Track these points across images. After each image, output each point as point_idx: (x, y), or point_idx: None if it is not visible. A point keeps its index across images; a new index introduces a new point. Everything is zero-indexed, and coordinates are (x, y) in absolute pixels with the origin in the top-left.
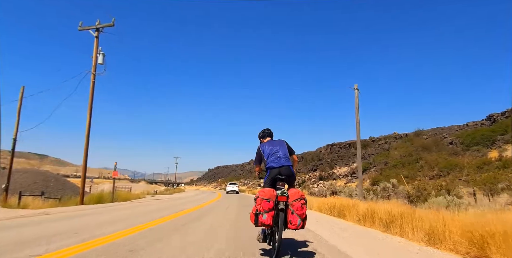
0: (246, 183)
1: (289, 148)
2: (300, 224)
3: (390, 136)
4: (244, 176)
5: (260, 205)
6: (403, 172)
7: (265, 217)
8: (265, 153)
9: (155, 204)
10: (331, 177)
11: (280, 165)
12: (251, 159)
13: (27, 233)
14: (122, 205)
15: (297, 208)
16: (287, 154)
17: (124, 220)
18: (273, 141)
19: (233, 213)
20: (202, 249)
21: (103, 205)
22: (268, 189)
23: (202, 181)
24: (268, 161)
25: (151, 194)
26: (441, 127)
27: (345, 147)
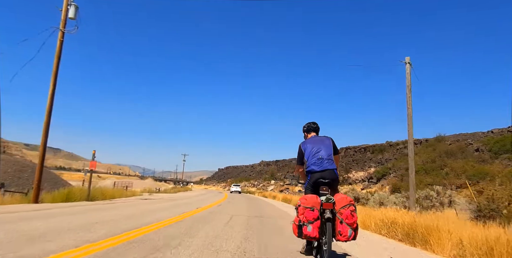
0: (256, 184)
1: (334, 147)
2: (351, 235)
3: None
4: (254, 177)
5: (303, 215)
6: (427, 179)
7: (310, 228)
8: (307, 152)
9: (132, 207)
10: (347, 181)
11: (323, 168)
12: (261, 160)
13: None
14: (86, 206)
15: (347, 216)
16: (331, 155)
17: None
18: (317, 137)
19: (237, 235)
20: None
21: (62, 205)
22: (310, 196)
23: (211, 180)
24: (309, 163)
25: (151, 192)
26: (463, 133)
27: (360, 151)
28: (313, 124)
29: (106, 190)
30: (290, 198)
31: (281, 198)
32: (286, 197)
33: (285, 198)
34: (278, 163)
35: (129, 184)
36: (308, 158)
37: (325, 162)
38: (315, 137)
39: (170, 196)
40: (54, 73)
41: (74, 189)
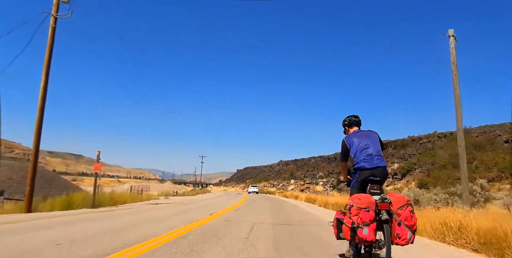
0: (275, 184)
1: (380, 142)
2: (411, 238)
3: (432, 134)
4: (273, 177)
5: (358, 216)
6: (455, 174)
7: (366, 231)
8: (353, 148)
9: (133, 214)
10: None
11: (374, 166)
12: (280, 160)
13: None
14: (81, 215)
15: (406, 217)
16: (380, 151)
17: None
18: (361, 132)
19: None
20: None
21: (56, 214)
22: (364, 195)
23: (230, 182)
24: (357, 159)
25: (168, 195)
26: (489, 124)
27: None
28: (354, 118)
29: (117, 195)
30: (314, 198)
31: (304, 198)
32: (310, 197)
33: (308, 198)
34: (297, 163)
35: (146, 187)
36: (355, 154)
37: (375, 159)
38: (360, 131)
39: (185, 199)
40: (46, 65)
41: (77, 195)
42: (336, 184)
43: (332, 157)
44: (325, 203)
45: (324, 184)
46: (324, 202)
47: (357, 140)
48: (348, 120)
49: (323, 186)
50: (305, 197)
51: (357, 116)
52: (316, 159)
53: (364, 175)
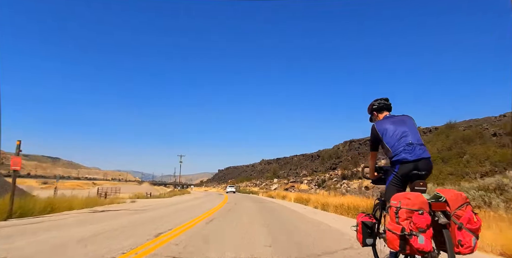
0: (258, 184)
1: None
2: (475, 245)
3: (419, 129)
4: (255, 176)
5: (410, 221)
6: (447, 169)
7: (423, 240)
8: (386, 135)
9: (42, 234)
10: (356, 176)
11: (418, 157)
12: (262, 159)
13: None
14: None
15: (468, 219)
16: (421, 139)
17: None
18: (395, 117)
19: None
20: None
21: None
22: (415, 194)
23: (212, 182)
24: (395, 149)
25: (140, 198)
26: (474, 118)
27: (365, 144)
28: (385, 101)
29: (62, 200)
30: (306, 198)
31: (294, 198)
32: (301, 196)
33: (299, 198)
34: (279, 161)
35: (117, 190)
36: (391, 144)
37: (417, 149)
38: (393, 116)
39: (151, 203)
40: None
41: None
42: (322, 183)
43: (315, 155)
44: (323, 205)
45: (309, 183)
46: (321, 204)
47: (391, 126)
48: (377, 104)
49: (307, 184)
50: (295, 197)
51: (387, 99)
52: (299, 157)
53: (406, 169)
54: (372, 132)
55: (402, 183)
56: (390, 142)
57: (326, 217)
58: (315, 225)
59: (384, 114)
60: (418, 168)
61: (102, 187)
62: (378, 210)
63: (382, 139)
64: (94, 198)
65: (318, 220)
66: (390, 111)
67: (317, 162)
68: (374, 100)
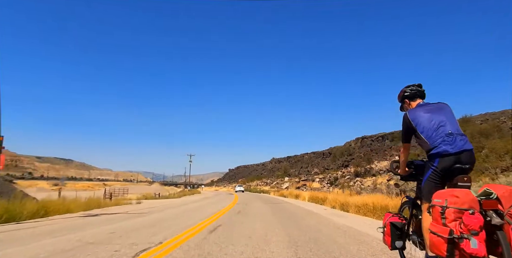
0: (269, 182)
1: None
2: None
3: None
4: (265, 175)
5: (459, 222)
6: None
7: (476, 243)
8: (421, 125)
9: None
10: (369, 173)
11: (460, 149)
12: (272, 158)
13: None
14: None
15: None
16: (460, 129)
17: None
18: (430, 105)
19: None
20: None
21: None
22: (462, 191)
23: (222, 182)
24: (433, 141)
25: (148, 198)
26: (490, 112)
27: (377, 140)
28: (418, 87)
29: (58, 203)
30: (322, 197)
31: (308, 197)
32: (315, 195)
33: (314, 197)
34: (290, 159)
35: (125, 190)
36: (428, 135)
37: (459, 140)
38: (427, 104)
39: (158, 205)
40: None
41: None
42: (334, 181)
43: (326, 153)
44: (342, 205)
45: (321, 181)
46: (340, 204)
47: (427, 115)
48: (409, 91)
49: (319, 182)
50: (309, 196)
51: (420, 84)
52: (309, 155)
53: (447, 163)
54: (404, 121)
55: (441, 179)
56: (426, 133)
57: (355, 221)
58: (352, 236)
59: (417, 101)
60: (461, 161)
61: (110, 188)
62: (408, 209)
63: (417, 129)
64: (97, 200)
65: (349, 226)
66: (424, 98)
67: (329, 159)
68: (405, 86)
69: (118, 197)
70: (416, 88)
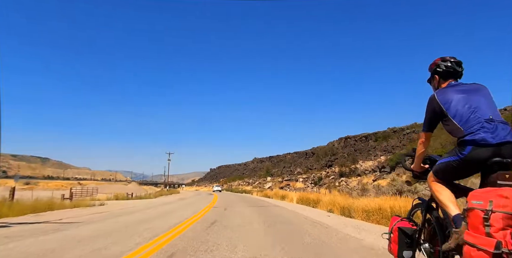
0: (251, 182)
1: None
2: None
3: (414, 125)
4: (248, 175)
5: (511, 231)
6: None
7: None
8: (453, 108)
9: None
10: (354, 173)
11: (502, 140)
12: (254, 157)
13: None
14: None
15: None
16: (500, 115)
17: None
18: (465, 85)
19: None
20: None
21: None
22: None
23: (203, 181)
24: (469, 126)
25: (120, 199)
26: None
27: (361, 140)
28: (457, 65)
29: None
30: (314, 199)
31: (296, 198)
32: (307, 196)
33: (304, 198)
34: (272, 159)
35: (94, 190)
36: (461, 120)
37: (500, 129)
38: (460, 84)
39: (121, 207)
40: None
41: None
42: (318, 181)
43: (309, 152)
44: (343, 209)
45: (305, 181)
46: (340, 208)
47: (461, 97)
48: (444, 67)
49: (303, 182)
50: (298, 197)
51: (460, 62)
52: (292, 155)
53: (483, 154)
54: (430, 104)
55: (463, 172)
56: (459, 117)
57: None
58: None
59: (449, 81)
60: (502, 154)
61: (82, 188)
62: (420, 213)
63: (447, 114)
64: (50, 202)
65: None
66: (458, 78)
67: (312, 159)
68: (441, 58)
69: (86, 197)
70: (453, 66)
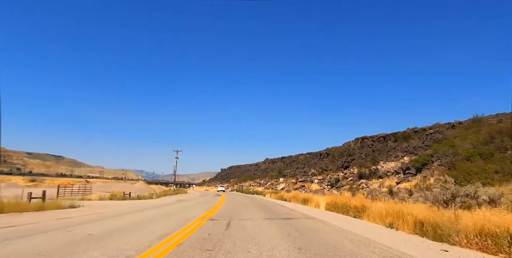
0: (262, 183)
1: None
2: None
3: (437, 125)
4: (259, 175)
5: None
6: (491, 166)
7: None
8: None
9: None
10: (375, 174)
11: None
12: (266, 158)
13: None
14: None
15: None
16: None
17: None
18: None
19: None
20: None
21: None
22: None
23: (214, 181)
24: None
25: (111, 199)
26: (501, 113)
27: (379, 140)
28: None
29: None
30: (357, 205)
31: (325, 202)
32: (340, 201)
33: (336, 202)
34: (284, 160)
35: (88, 189)
36: None
37: None
38: None
39: (103, 210)
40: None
41: None
42: (335, 182)
43: (323, 153)
44: (423, 225)
45: (320, 182)
46: (417, 222)
47: None
48: None
49: (319, 184)
50: (327, 201)
51: None
52: (305, 155)
53: None
54: None
55: None
56: None
57: None
58: None
59: None
60: None
61: (65, 187)
62: None
63: None
64: (12, 202)
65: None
66: None
67: (326, 160)
68: None
69: (77, 196)
70: None
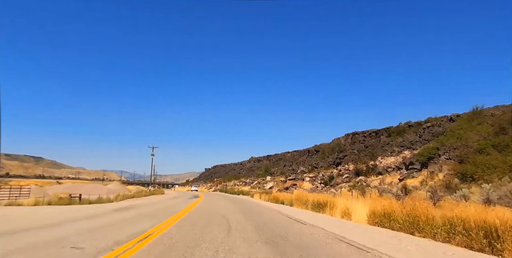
0: (248, 182)
1: None
2: None
3: (433, 118)
4: (244, 174)
5: None
6: (510, 158)
7: None
8: None
9: None
10: (374, 171)
11: None
12: (251, 157)
13: None
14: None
15: None
16: None
17: None
18: None
19: None
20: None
21: None
22: None
23: (198, 181)
24: None
25: (50, 204)
26: (501, 105)
27: (370, 136)
28: None
29: None
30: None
31: (368, 211)
32: (388, 207)
33: (382, 210)
34: (270, 158)
35: (26, 190)
36: None
37: None
38: None
39: None
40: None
41: None
42: (329, 180)
43: (312, 150)
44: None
45: (312, 180)
46: None
47: None
48: None
49: (311, 182)
50: (370, 208)
51: None
52: (292, 153)
53: None
54: None
55: None
56: None
57: None
58: None
59: None
60: None
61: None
62: None
63: None
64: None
65: None
66: None
67: (316, 157)
68: None
69: (3, 201)
70: None
